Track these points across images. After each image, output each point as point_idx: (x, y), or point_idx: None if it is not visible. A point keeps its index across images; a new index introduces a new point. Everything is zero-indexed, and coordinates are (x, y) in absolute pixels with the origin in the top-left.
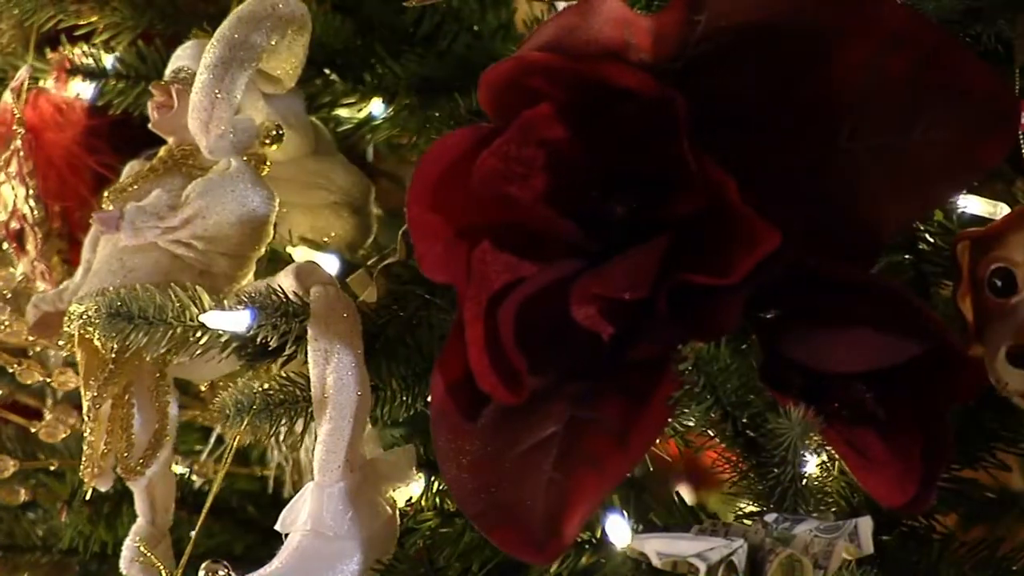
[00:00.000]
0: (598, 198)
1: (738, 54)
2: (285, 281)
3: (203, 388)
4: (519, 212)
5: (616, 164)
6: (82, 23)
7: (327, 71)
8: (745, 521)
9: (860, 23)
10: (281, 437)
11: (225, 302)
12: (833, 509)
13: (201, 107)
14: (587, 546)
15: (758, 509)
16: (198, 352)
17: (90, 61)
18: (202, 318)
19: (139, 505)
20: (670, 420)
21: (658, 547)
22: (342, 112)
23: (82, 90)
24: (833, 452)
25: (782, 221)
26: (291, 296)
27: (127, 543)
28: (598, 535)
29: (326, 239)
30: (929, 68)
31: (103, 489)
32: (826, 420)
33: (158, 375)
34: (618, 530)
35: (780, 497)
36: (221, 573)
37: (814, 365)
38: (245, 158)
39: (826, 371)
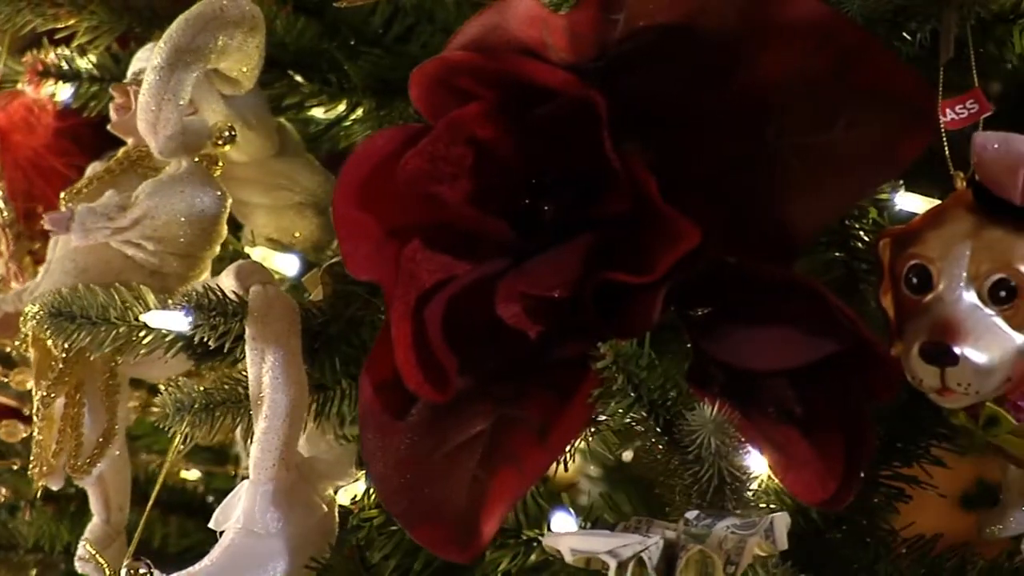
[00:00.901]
0: (528, 197)
1: (661, 54)
2: (225, 281)
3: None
4: (446, 212)
5: (545, 163)
6: (60, 27)
7: (291, 72)
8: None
9: (781, 22)
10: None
11: (169, 302)
12: (762, 505)
13: (147, 108)
14: (535, 543)
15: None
16: (143, 352)
17: (64, 64)
18: (143, 318)
19: (93, 504)
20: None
21: (572, 544)
22: (316, 113)
23: (61, 93)
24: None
25: (706, 219)
26: (230, 295)
27: (81, 541)
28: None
29: (291, 239)
30: (850, 66)
31: (54, 488)
32: (747, 417)
33: (108, 375)
34: (563, 527)
35: (700, 493)
36: (143, 571)
37: (734, 362)
38: (197, 159)
39: (746, 368)
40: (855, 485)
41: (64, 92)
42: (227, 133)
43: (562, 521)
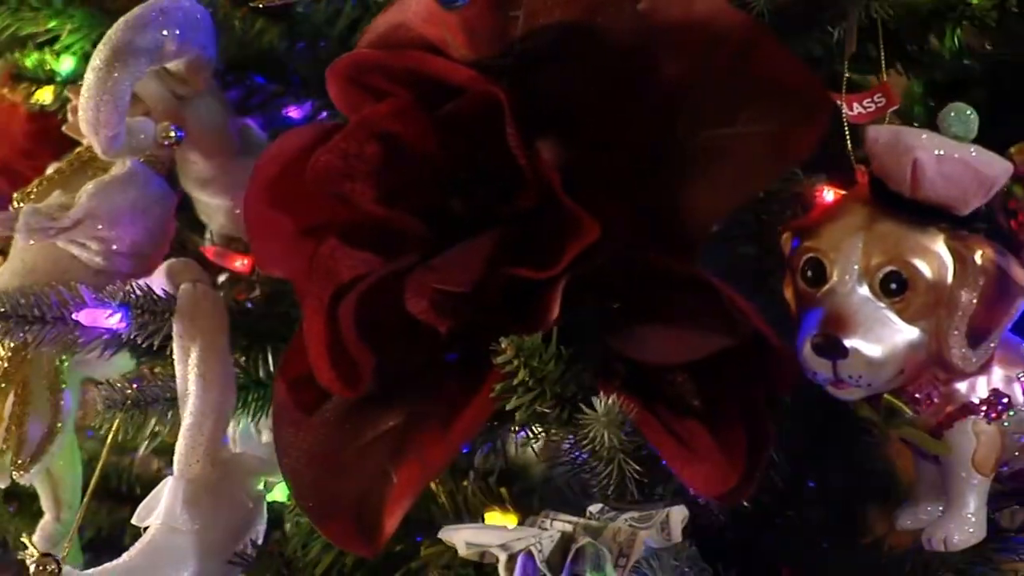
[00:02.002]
0: (442, 194)
1: (565, 51)
2: (157, 279)
3: None
4: (357, 209)
5: (458, 160)
6: (41, 30)
7: (254, 73)
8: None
9: (678, 21)
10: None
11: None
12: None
13: (86, 109)
14: None
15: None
16: (82, 351)
17: (39, 67)
18: (76, 316)
19: (43, 501)
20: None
21: (467, 537)
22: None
23: (37, 95)
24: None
25: (613, 215)
26: (160, 293)
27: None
28: None
29: None
30: (747, 63)
31: (2, 485)
32: (650, 411)
33: (53, 373)
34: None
35: (604, 487)
36: (51, 567)
37: (635, 356)
38: (143, 159)
39: (646, 362)
40: (756, 478)
41: (46, 95)
42: (173, 134)
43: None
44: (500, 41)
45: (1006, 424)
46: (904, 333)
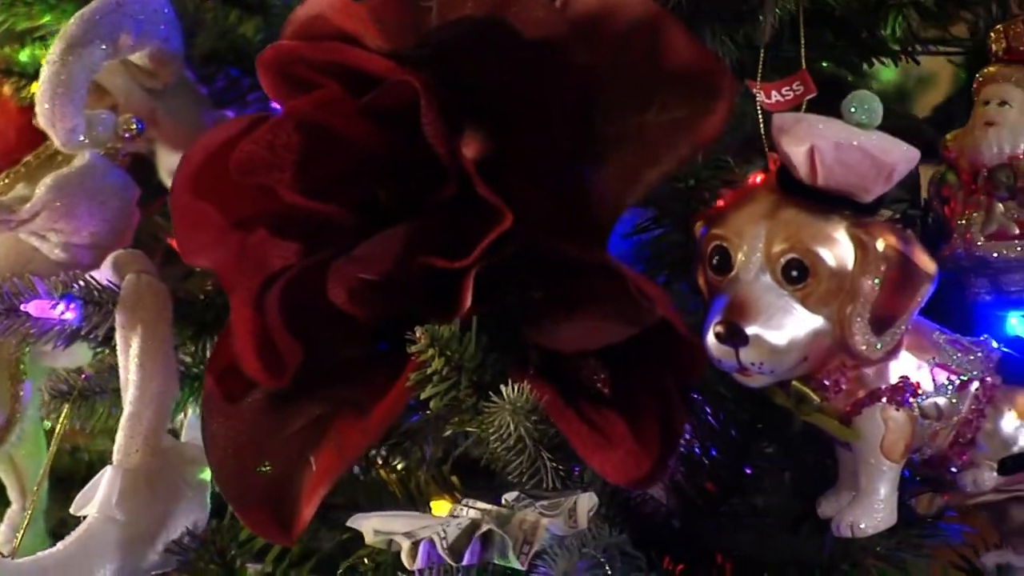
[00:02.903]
0: (369, 185)
1: (482, 42)
2: (104, 270)
3: None
4: (282, 200)
5: (385, 151)
6: (36, 25)
7: (231, 66)
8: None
9: (589, 12)
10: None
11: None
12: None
13: (41, 102)
14: None
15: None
16: (34, 341)
17: (29, 61)
18: (24, 307)
19: (9, 491)
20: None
21: (376, 525)
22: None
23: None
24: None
25: (532, 204)
26: (106, 284)
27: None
28: None
29: None
30: (657, 51)
31: None
32: (564, 398)
33: (14, 363)
34: None
35: (519, 474)
36: None
37: (547, 344)
38: (103, 151)
39: (557, 350)
40: (668, 464)
41: None
42: (134, 126)
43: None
44: (414, 32)
45: (915, 411)
46: (807, 320)
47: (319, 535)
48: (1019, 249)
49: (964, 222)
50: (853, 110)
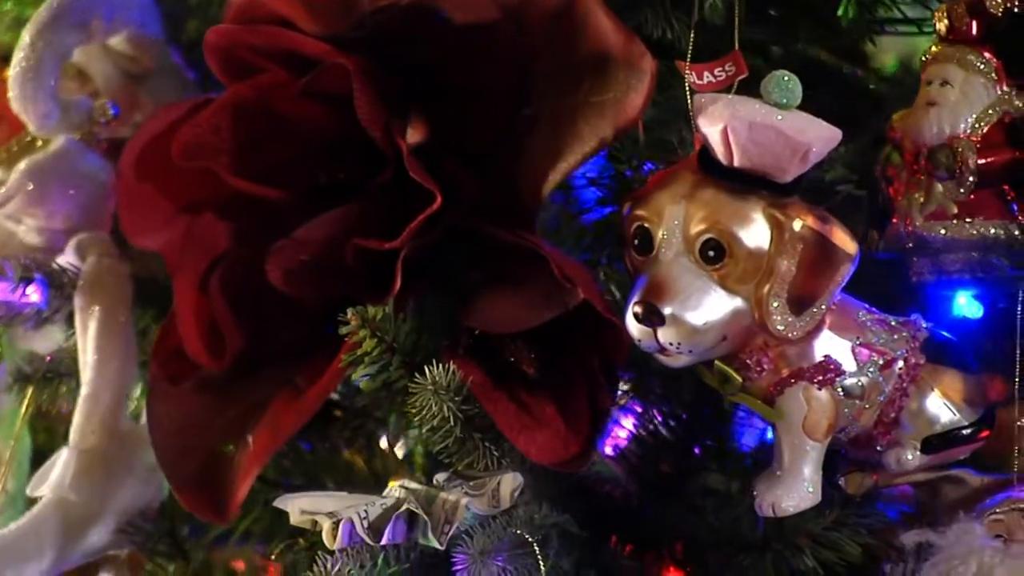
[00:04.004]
0: (312, 168)
1: (416, 27)
2: (68, 253)
3: None
4: (224, 183)
5: (327, 134)
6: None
7: None
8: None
9: None
10: None
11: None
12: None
13: (12, 87)
14: None
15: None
16: (3, 323)
17: None
18: None
19: None
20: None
21: (303, 505)
22: None
23: None
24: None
25: (466, 186)
26: (67, 268)
27: None
28: None
29: None
30: (584, 34)
31: None
32: (494, 379)
33: None
34: None
35: (449, 454)
36: None
37: (476, 326)
38: (79, 136)
39: (485, 331)
40: (596, 445)
41: None
42: (109, 111)
43: None
44: (345, 15)
45: (838, 390)
46: (725, 300)
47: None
48: (957, 229)
49: (905, 202)
50: (772, 90)
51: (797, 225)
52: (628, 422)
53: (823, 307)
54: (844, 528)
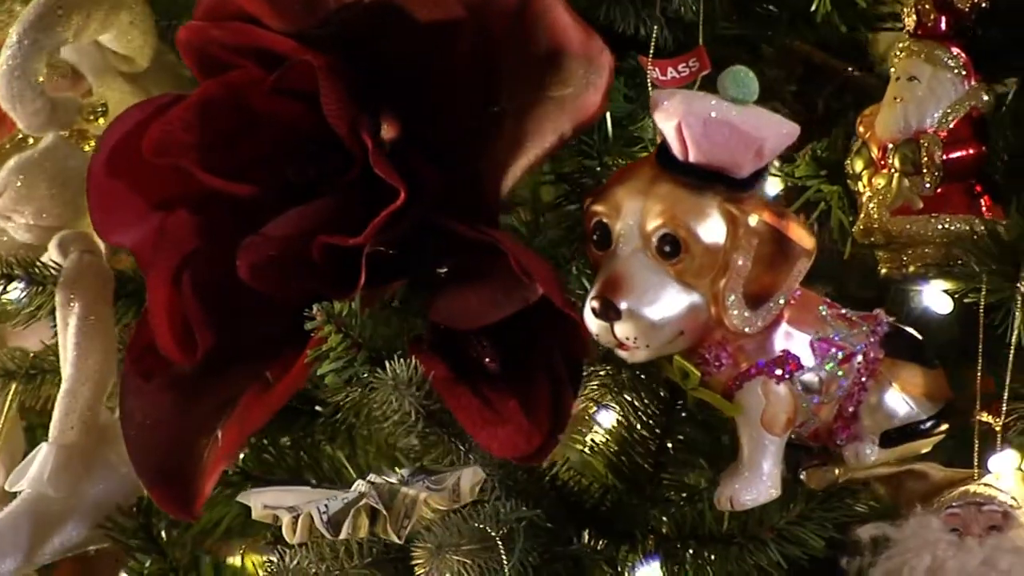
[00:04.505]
0: (283, 165)
1: (381, 25)
2: (50, 250)
3: None
4: (196, 180)
5: (298, 131)
6: None
7: None
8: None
9: None
10: None
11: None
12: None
13: (0, 84)
14: None
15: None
16: None
17: None
18: None
19: None
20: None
21: (266, 500)
22: None
23: None
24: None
25: (432, 183)
26: (50, 264)
27: None
28: None
29: None
30: (544, 30)
31: None
32: (457, 374)
33: None
34: None
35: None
36: None
37: (440, 321)
38: (69, 133)
39: (448, 327)
40: (557, 440)
41: None
42: (100, 108)
43: None
44: (311, 13)
45: (797, 385)
46: (681, 295)
47: None
48: (923, 224)
49: (872, 197)
50: (727, 86)
51: (753, 220)
52: (605, 417)
53: (780, 302)
54: (809, 522)
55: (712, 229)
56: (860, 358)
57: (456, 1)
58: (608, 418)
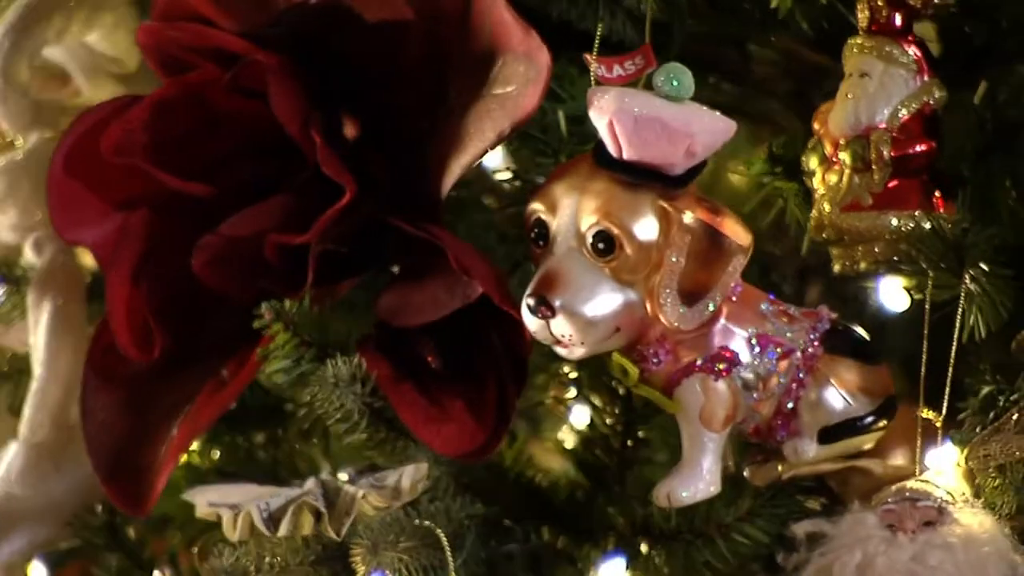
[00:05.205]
0: (243, 164)
1: (329, 25)
2: (26, 251)
3: None
4: (155, 180)
5: (257, 130)
6: None
7: None
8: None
9: None
10: None
11: None
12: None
13: None
14: None
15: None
16: None
17: None
18: None
19: None
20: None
21: (211, 497)
22: None
23: None
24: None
25: (382, 181)
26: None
27: None
28: None
29: None
30: (489, 30)
31: None
32: (403, 371)
33: None
34: None
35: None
36: None
37: (382, 318)
38: (54, 135)
39: (392, 325)
40: (502, 437)
41: None
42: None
43: None
44: (259, 13)
45: (736, 381)
46: (616, 293)
47: None
48: (871, 220)
49: (823, 193)
50: (661, 82)
51: (687, 218)
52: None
53: (717, 298)
54: (759, 519)
55: (646, 226)
56: (799, 354)
57: (404, 2)
58: (583, 416)
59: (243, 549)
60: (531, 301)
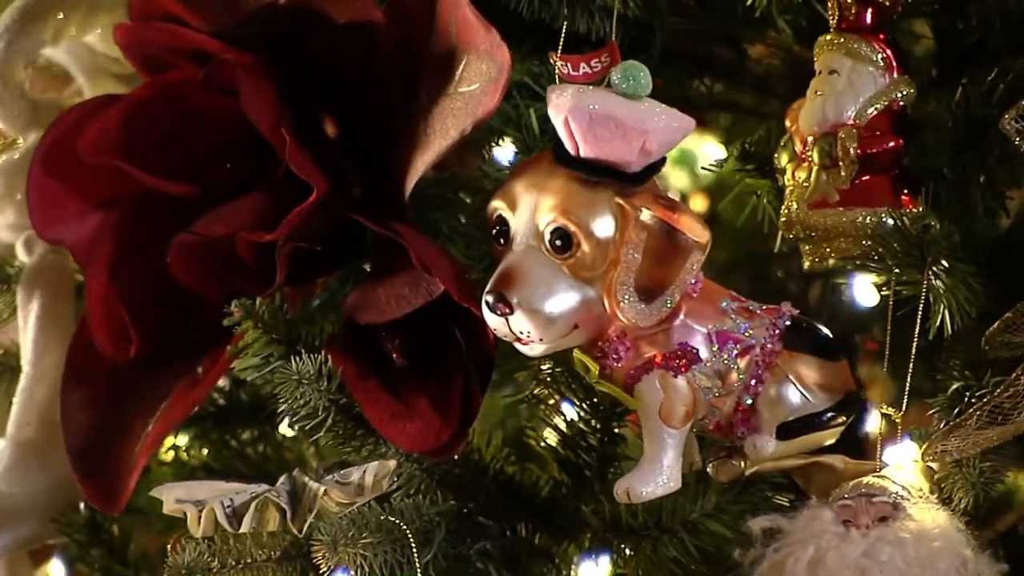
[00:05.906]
0: (219, 162)
1: (300, 25)
2: (17, 250)
3: None
4: (133, 179)
5: (235, 129)
6: None
7: None
8: None
9: None
10: None
11: None
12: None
13: None
14: None
15: None
16: None
17: None
18: None
19: None
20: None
21: (178, 494)
22: None
23: None
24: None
25: (352, 179)
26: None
27: None
28: None
29: None
30: (455, 31)
31: None
32: (369, 370)
33: None
34: None
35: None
36: None
37: (348, 315)
38: None
39: (357, 322)
40: (467, 433)
41: None
42: None
43: None
44: (230, 14)
45: (696, 377)
46: (574, 290)
47: None
48: (837, 216)
49: (792, 190)
50: (618, 80)
51: (644, 215)
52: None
53: (676, 295)
54: (724, 515)
55: (603, 224)
56: (758, 351)
57: (373, 2)
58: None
59: (207, 545)
60: (490, 298)
